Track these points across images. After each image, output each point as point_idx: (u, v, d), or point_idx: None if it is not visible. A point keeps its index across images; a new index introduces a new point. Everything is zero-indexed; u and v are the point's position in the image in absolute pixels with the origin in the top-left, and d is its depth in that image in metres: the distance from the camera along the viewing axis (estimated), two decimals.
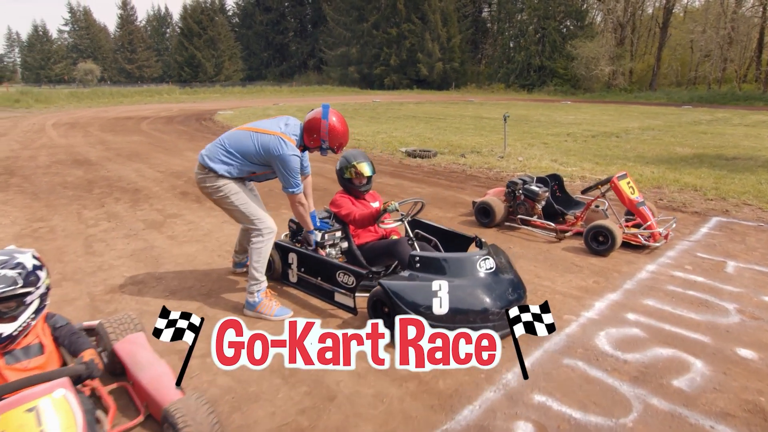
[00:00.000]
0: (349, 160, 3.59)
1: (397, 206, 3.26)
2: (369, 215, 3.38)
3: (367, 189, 3.66)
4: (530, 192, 4.96)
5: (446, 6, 47.38)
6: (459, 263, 2.88)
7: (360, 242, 3.60)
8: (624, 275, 3.85)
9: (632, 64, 42.14)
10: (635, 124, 16.75)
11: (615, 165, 8.45)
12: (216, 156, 3.12)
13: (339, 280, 3.12)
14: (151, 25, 73.05)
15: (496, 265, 2.92)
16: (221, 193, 3.11)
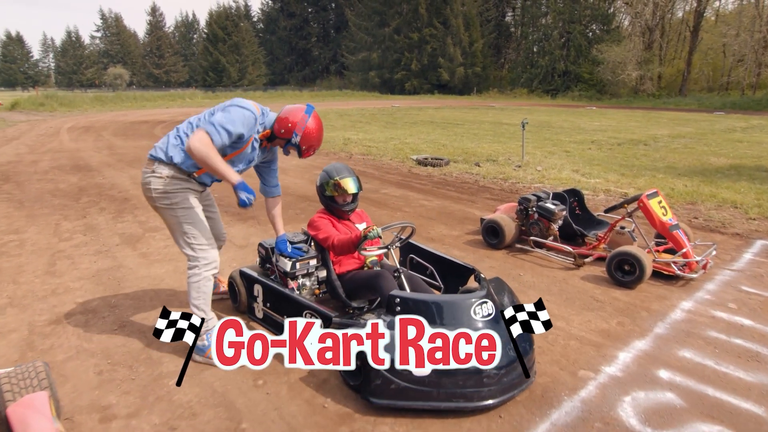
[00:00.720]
0: (330, 175, 3.08)
1: (379, 232, 2.74)
2: (348, 241, 2.86)
3: (351, 208, 3.14)
4: (545, 210, 4.37)
5: (469, 10, 46.73)
6: (449, 309, 2.33)
7: (341, 270, 3.09)
8: (654, 315, 3.24)
9: (661, 69, 40.73)
10: (664, 131, 15.85)
11: (643, 177, 7.75)
12: (168, 142, 2.61)
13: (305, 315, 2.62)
14: (178, 30, 74.54)
15: (496, 310, 2.37)
16: (167, 201, 2.58)
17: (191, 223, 2.62)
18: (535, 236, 4.44)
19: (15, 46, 71.42)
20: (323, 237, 2.99)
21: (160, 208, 2.63)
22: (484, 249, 4.53)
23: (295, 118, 2.67)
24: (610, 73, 39.06)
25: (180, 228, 2.62)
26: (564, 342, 2.86)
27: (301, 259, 2.97)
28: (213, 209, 3.04)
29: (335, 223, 3.09)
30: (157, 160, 2.59)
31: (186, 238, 2.62)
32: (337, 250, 2.94)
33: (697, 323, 3.12)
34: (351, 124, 17.61)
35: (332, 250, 2.98)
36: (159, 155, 2.58)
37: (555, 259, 4.26)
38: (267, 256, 3.13)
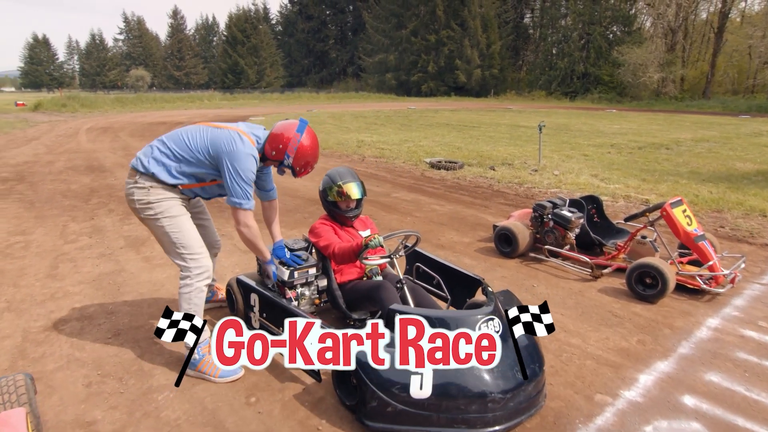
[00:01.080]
0: (333, 179, 2.94)
1: (381, 241, 2.59)
2: (349, 249, 2.71)
3: (355, 215, 3.00)
4: (561, 218, 4.17)
5: (486, 12, 46.32)
6: (451, 326, 2.17)
7: (342, 280, 2.95)
8: (678, 333, 3.02)
9: (684, 71, 39.75)
10: (687, 135, 15.37)
11: (665, 182, 7.45)
12: (151, 154, 2.49)
13: None
14: (199, 33, 75.62)
15: (503, 327, 2.20)
16: (151, 212, 2.46)
17: (179, 231, 2.49)
18: (550, 245, 4.23)
19: (41, 48, 73.31)
20: (324, 245, 2.86)
21: (146, 219, 2.51)
22: (497, 257, 4.35)
23: (286, 136, 2.54)
24: (630, 75, 38.26)
25: (168, 238, 2.49)
26: (579, 361, 2.66)
27: (299, 268, 2.83)
28: (204, 216, 2.93)
29: (337, 230, 2.96)
30: (139, 172, 2.48)
31: (176, 248, 2.49)
32: (338, 259, 2.81)
33: (725, 343, 2.89)
34: (366, 126, 17.51)
35: (333, 259, 2.85)
36: (140, 168, 2.47)
37: (571, 269, 4.06)
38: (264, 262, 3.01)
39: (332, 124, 17.83)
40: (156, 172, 2.44)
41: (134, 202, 2.49)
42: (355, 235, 3.00)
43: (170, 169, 2.47)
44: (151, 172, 2.44)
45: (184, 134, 2.51)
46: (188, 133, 2.51)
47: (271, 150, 2.56)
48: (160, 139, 2.55)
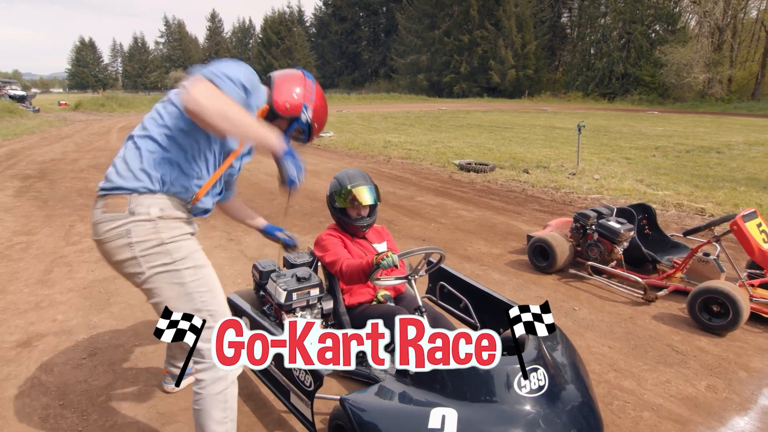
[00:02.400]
0: (341, 183, 2.51)
1: (395, 260, 2.12)
2: (359, 268, 2.24)
3: (368, 224, 2.55)
4: (607, 229, 3.61)
5: (522, 11, 45.23)
6: (482, 377, 1.71)
7: (352, 302, 2.49)
8: (756, 376, 2.45)
9: (732, 72, 37.69)
10: (739, 138, 14.28)
11: (721, 189, 6.71)
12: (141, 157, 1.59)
13: (294, 374, 2.04)
14: (236, 36, 77.20)
15: (549, 380, 1.72)
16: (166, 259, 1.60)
17: (209, 290, 1.66)
18: (593, 260, 3.69)
19: (87, 51, 76.43)
20: (330, 260, 2.40)
21: (151, 276, 1.59)
22: (531, 272, 3.83)
23: (299, 86, 1.84)
24: (674, 75, 36.56)
25: (189, 301, 1.61)
26: (635, 413, 2.15)
27: (299, 289, 2.40)
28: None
29: (347, 243, 2.50)
30: (131, 191, 1.57)
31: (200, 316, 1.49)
32: (345, 278, 2.33)
33: None
34: (394, 126, 17.10)
35: (340, 278, 2.38)
36: (131, 184, 1.57)
37: (619, 290, 3.50)
38: (261, 280, 2.60)
39: (360, 125, 17.49)
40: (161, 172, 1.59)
41: (132, 248, 1.57)
42: (368, 248, 2.55)
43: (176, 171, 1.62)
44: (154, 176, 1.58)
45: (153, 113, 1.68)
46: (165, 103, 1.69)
47: (284, 102, 1.80)
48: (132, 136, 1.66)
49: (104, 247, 1.62)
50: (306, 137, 1.91)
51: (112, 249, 1.60)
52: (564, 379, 1.83)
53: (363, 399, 1.77)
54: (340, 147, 11.60)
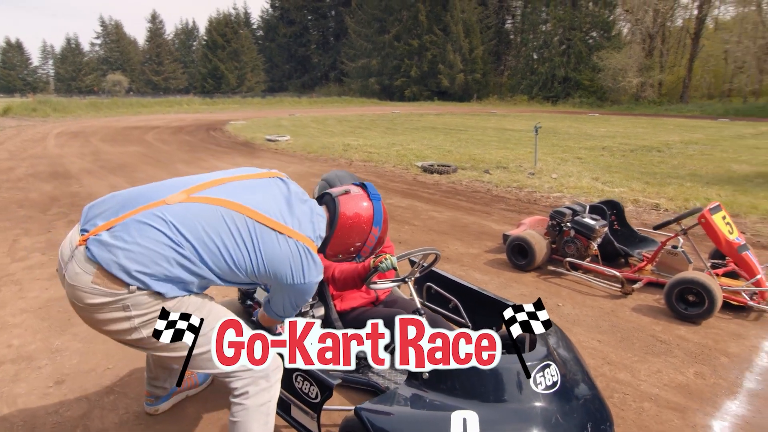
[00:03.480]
0: (331, 184, 2.41)
1: (394, 263, 2.07)
2: (354, 273, 2.19)
3: None
4: (583, 226, 3.71)
5: (469, 17, 46.38)
6: (497, 377, 1.68)
7: (344, 307, 2.41)
8: (736, 362, 2.57)
9: (662, 76, 40.34)
10: (675, 138, 15.27)
11: (670, 185, 7.12)
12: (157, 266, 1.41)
13: (297, 386, 1.93)
14: (178, 38, 74.23)
15: (561, 377, 1.71)
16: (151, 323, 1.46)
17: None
18: (570, 257, 3.77)
19: (14, 52, 70.90)
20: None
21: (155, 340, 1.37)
22: (510, 271, 3.87)
23: (363, 230, 1.70)
24: (610, 79, 38.66)
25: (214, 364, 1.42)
26: (636, 405, 2.19)
27: None
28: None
29: None
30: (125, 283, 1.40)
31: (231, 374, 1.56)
32: (338, 285, 2.27)
33: None
34: (350, 129, 17.00)
35: (332, 284, 2.30)
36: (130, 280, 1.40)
37: (596, 284, 3.60)
38: (249, 290, 2.45)
39: (315, 128, 17.27)
40: (165, 291, 1.45)
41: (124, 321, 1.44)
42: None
43: (188, 285, 1.50)
44: (155, 291, 1.43)
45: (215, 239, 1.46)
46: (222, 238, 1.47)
47: (337, 253, 1.74)
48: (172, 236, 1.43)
49: (90, 316, 1.46)
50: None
51: (102, 319, 1.44)
52: (572, 373, 1.84)
53: (380, 407, 1.69)
54: (299, 151, 11.37)
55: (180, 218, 1.45)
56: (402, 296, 2.62)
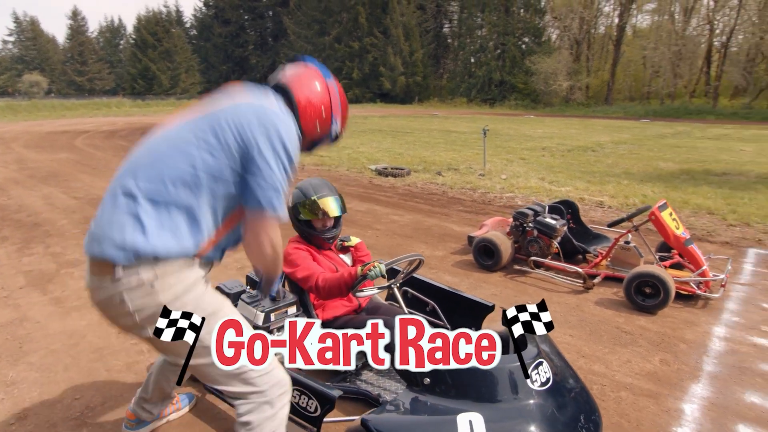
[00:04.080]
0: (306, 193, 2.36)
1: (383, 270, 2.08)
2: (340, 281, 2.15)
3: (334, 235, 2.45)
4: (545, 226, 3.89)
5: (408, 21, 47.13)
6: (498, 377, 1.72)
7: (326, 316, 2.38)
8: (693, 347, 2.80)
9: (589, 80, 43.02)
10: (605, 138, 16.33)
11: (609, 183, 7.60)
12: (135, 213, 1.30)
13: (293, 401, 1.87)
14: (103, 36, 69.79)
15: (553, 373, 1.79)
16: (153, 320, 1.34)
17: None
18: (534, 255, 3.94)
19: None
20: (303, 276, 2.25)
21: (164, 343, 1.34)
22: (478, 272, 3.98)
23: (324, 98, 1.60)
24: (542, 83, 40.70)
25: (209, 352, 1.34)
26: (614, 394, 2.32)
27: (276, 309, 2.23)
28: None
29: (315, 256, 2.38)
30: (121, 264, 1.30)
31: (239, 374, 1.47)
32: (323, 294, 2.22)
33: (744, 355, 2.71)
34: None
35: (316, 294, 2.25)
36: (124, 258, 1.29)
37: (560, 281, 3.78)
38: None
39: None
40: (164, 247, 1.31)
41: (129, 316, 1.35)
42: (336, 260, 2.45)
43: (186, 224, 1.35)
44: (154, 254, 1.30)
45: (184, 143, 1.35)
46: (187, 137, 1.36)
47: (313, 122, 1.59)
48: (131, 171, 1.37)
49: (109, 316, 1.43)
50: (332, 142, 1.73)
51: (113, 316, 1.40)
52: (560, 369, 1.92)
53: (386, 417, 1.69)
54: None
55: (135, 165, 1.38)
56: (383, 303, 2.62)
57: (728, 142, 15.52)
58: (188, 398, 2.21)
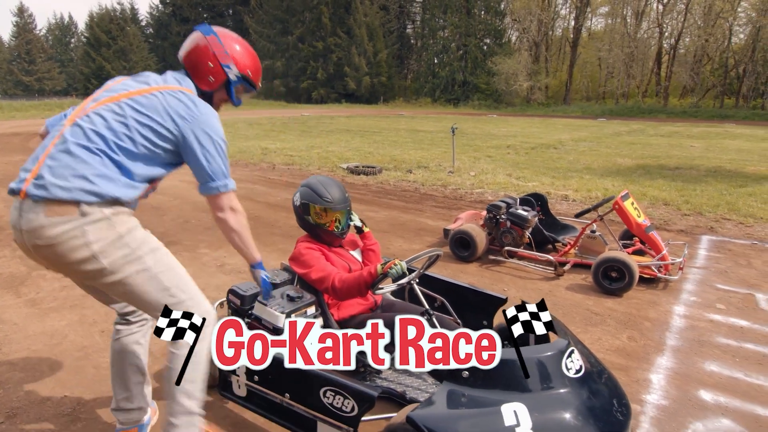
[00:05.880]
0: (319, 193, 2.32)
1: (404, 268, 2.06)
2: (359, 281, 2.12)
3: (346, 232, 2.44)
4: (517, 217, 4.08)
5: (371, 21, 47.26)
6: (538, 366, 1.77)
7: (342, 315, 2.35)
8: (657, 325, 3.03)
9: (548, 80, 44.37)
10: (566, 136, 16.95)
11: (573, 178, 7.95)
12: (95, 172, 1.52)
13: (326, 402, 1.83)
14: (52, 34, 66.61)
15: (583, 361, 1.86)
16: (125, 251, 1.56)
17: (169, 268, 1.66)
18: (508, 246, 4.12)
19: None
20: (317, 277, 2.22)
21: (114, 270, 1.55)
22: (455, 263, 4.12)
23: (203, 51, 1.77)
24: (504, 83, 41.67)
25: (156, 284, 1.61)
26: None
27: (296, 310, 2.20)
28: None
29: (327, 255, 2.35)
30: (82, 202, 1.49)
31: (170, 295, 1.63)
32: (340, 294, 2.19)
33: (702, 330, 2.95)
34: (264, 132, 16.58)
35: (333, 294, 2.22)
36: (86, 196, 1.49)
37: (532, 269, 3.97)
38: (243, 306, 2.30)
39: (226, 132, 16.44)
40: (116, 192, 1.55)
41: (85, 247, 1.50)
42: (348, 257, 2.43)
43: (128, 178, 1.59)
44: (109, 195, 1.52)
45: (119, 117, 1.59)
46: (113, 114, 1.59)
47: (207, 76, 1.77)
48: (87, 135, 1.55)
49: (53, 250, 1.51)
50: (250, 86, 1.89)
51: (64, 251, 1.51)
52: (588, 357, 1.95)
53: (431, 411, 1.69)
54: None
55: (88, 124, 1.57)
56: (397, 300, 2.60)
57: (679, 139, 16.41)
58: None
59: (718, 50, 36.90)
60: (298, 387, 1.93)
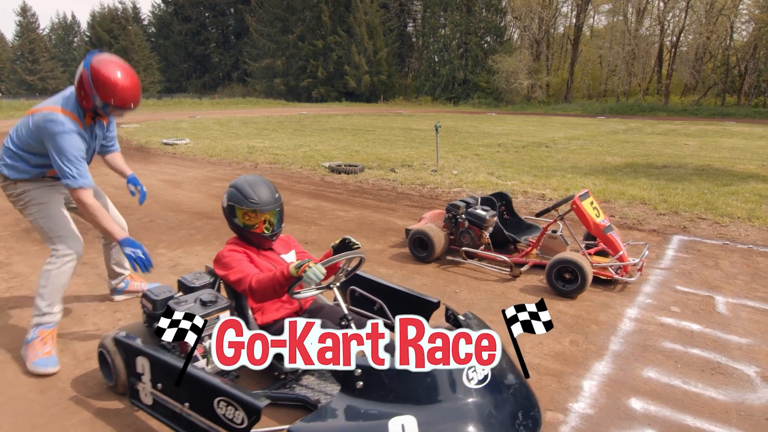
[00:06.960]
0: (247, 196, 2.24)
1: (322, 271, 1.97)
2: (273, 281, 2.04)
3: (276, 234, 2.36)
4: (475, 217, 3.99)
5: (372, 19, 47.14)
6: (432, 379, 1.71)
7: (265, 320, 2.29)
8: (604, 328, 2.94)
9: (548, 78, 44.14)
10: (560, 134, 16.82)
11: (554, 177, 7.85)
12: (3, 156, 2.58)
13: (219, 412, 1.77)
14: (55, 33, 66.93)
15: (491, 370, 1.79)
16: (21, 203, 2.62)
17: (45, 217, 2.59)
18: (466, 246, 4.03)
19: None
20: (236, 278, 2.15)
21: (21, 210, 2.65)
22: (413, 264, 4.04)
23: (80, 80, 2.35)
24: (504, 81, 41.51)
25: (37, 222, 2.60)
26: None
27: (206, 315, 2.13)
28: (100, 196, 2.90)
29: (253, 258, 2.28)
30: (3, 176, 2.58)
31: (47, 233, 2.59)
32: (257, 296, 2.12)
33: (649, 334, 2.86)
34: (256, 131, 16.53)
35: (251, 296, 2.15)
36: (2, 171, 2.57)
37: (490, 270, 3.89)
38: (155, 311, 2.24)
39: (218, 131, 16.54)
40: (15, 176, 2.54)
41: (9, 198, 2.64)
42: (276, 260, 2.35)
43: (19, 168, 2.54)
44: (13, 179, 2.55)
45: (19, 130, 2.51)
46: (21, 129, 2.51)
47: (82, 101, 2.41)
48: (9, 137, 2.54)
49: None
50: (120, 111, 2.43)
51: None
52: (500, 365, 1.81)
53: (313, 425, 1.65)
54: (200, 154, 10.84)
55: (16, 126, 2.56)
56: (327, 303, 2.53)
57: (675, 137, 16.26)
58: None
59: (720, 48, 36.61)
60: (195, 396, 1.86)
